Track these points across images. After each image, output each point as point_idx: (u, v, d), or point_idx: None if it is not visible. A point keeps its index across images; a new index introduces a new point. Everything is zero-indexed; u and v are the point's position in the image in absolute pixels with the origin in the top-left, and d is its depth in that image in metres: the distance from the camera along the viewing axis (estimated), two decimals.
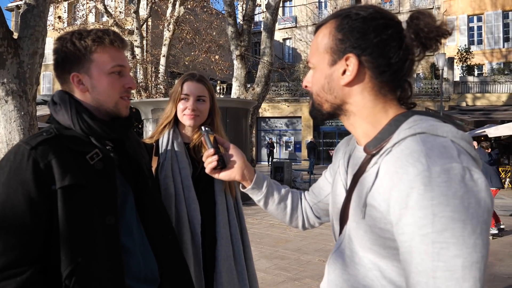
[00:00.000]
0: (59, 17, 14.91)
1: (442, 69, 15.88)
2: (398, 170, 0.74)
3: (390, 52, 0.84)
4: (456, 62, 22.72)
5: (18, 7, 27.86)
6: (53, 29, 15.30)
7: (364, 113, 0.88)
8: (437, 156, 0.71)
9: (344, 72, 0.87)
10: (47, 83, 31.64)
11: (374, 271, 0.81)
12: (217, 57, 15.05)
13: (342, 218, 0.93)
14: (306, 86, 0.97)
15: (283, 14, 29.87)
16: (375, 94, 0.87)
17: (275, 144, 23.69)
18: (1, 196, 1.01)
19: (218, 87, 24.25)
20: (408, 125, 0.81)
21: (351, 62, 0.85)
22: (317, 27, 0.94)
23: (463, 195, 0.68)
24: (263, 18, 12.16)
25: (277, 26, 13.88)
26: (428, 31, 0.82)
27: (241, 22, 11.72)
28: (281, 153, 24.50)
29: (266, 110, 23.93)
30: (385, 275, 0.80)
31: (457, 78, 22.07)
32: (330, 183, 1.14)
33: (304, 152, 22.82)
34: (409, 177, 0.71)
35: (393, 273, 0.79)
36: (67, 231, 1.03)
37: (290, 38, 30.55)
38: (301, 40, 29.61)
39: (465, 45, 23.73)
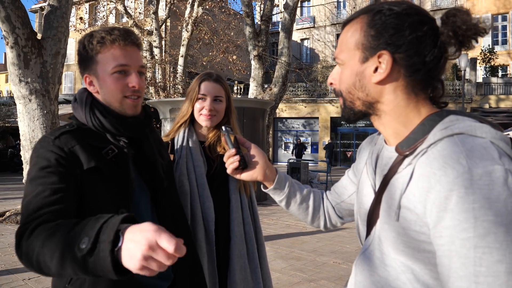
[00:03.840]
0: (81, 18, 15.22)
1: (464, 70, 15.53)
2: (436, 172, 0.71)
3: (425, 50, 0.81)
4: (479, 62, 22.19)
5: (42, 8, 28.55)
6: (74, 30, 15.63)
7: (397, 112, 0.85)
8: (477, 157, 0.69)
9: (376, 69, 0.84)
10: (69, 82, 32.33)
11: (406, 273, 0.79)
12: (234, 57, 15.09)
13: (370, 219, 0.91)
14: (331, 84, 0.94)
15: (301, 14, 29.76)
16: (407, 93, 0.84)
17: (306, 145, 21.80)
18: (32, 173, 1.08)
19: (235, 87, 24.33)
20: (444, 125, 0.78)
21: (385, 60, 0.82)
22: (346, 22, 0.91)
23: (506, 199, 0.65)
24: (281, 18, 12.14)
25: (295, 26, 13.83)
26: (466, 28, 0.79)
27: (259, 23, 11.74)
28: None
29: (283, 110, 23.88)
30: (419, 278, 0.78)
31: (480, 79, 21.55)
32: (354, 183, 1.11)
33: (322, 153, 22.66)
34: (449, 179, 0.69)
35: (427, 276, 0.77)
36: (86, 215, 1.07)
37: (308, 39, 30.42)
38: (319, 40, 29.44)
39: (489, 45, 23.14)
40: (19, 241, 0.97)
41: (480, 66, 22.61)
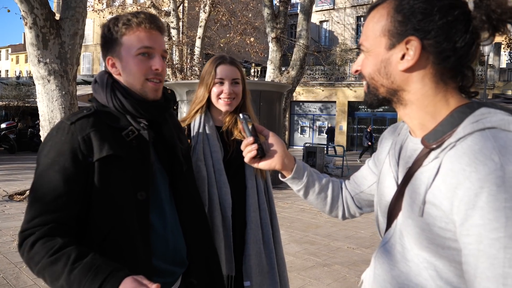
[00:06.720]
0: None
1: (488, 55, 15.05)
2: (465, 168, 0.69)
3: (456, 35, 0.77)
4: (504, 48, 21.46)
5: None
6: (92, 10, 15.65)
7: (424, 102, 0.82)
8: (511, 154, 0.66)
9: (403, 56, 0.81)
10: (87, 63, 32.69)
11: (429, 270, 0.77)
12: (252, 39, 14.96)
13: (391, 212, 0.88)
14: (356, 71, 0.91)
15: None
16: (436, 82, 0.80)
17: (323, 129, 19.68)
18: (41, 166, 1.10)
19: (252, 70, 24.16)
20: (475, 118, 0.75)
21: (413, 46, 0.79)
22: (372, 7, 0.87)
23: None
24: None
25: (314, 8, 13.57)
26: (501, 12, 0.75)
27: (278, 4, 11.55)
28: (313, 138, 24.28)
29: (300, 94, 23.67)
30: (442, 275, 0.76)
31: (503, 65, 20.89)
32: (375, 173, 1.09)
33: (338, 138, 22.48)
34: (479, 176, 0.66)
35: (451, 273, 0.75)
36: (102, 200, 1.10)
37: (327, 21, 29.85)
38: (338, 22, 28.85)
39: None
40: (20, 244, 1.04)
41: (505, 51, 21.87)
